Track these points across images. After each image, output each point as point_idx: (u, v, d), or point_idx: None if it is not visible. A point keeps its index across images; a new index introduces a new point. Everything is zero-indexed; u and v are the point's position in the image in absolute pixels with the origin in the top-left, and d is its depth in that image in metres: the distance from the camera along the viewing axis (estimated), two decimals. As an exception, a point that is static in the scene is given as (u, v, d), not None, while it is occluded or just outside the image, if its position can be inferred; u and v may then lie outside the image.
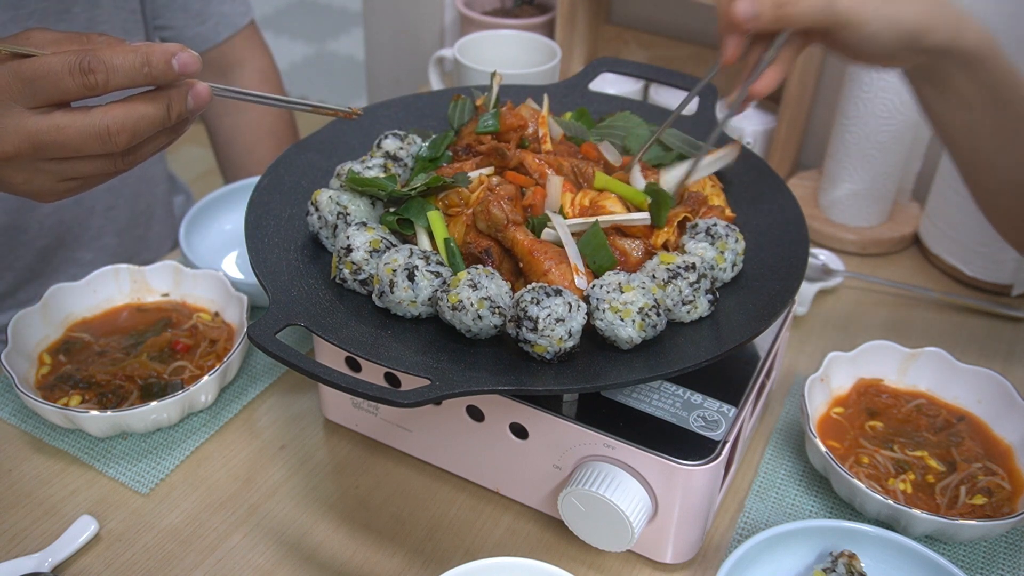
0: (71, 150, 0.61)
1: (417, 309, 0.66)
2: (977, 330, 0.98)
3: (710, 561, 0.72)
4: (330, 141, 0.84)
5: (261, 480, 0.78)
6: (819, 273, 1.02)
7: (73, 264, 1.10)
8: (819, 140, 1.24)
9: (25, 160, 0.61)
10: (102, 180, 0.66)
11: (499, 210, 0.68)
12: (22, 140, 0.60)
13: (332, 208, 0.72)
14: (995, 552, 0.73)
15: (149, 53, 0.60)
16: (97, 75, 0.59)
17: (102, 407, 0.78)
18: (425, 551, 0.73)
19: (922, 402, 0.82)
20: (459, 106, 0.86)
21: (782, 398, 0.87)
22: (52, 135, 0.60)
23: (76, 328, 0.87)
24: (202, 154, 2.72)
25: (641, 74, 0.91)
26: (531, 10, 1.44)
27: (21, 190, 0.64)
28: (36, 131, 0.60)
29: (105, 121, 0.60)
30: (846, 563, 0.66)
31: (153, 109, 0.62)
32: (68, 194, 0.66)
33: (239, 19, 1.17)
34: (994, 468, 0.76)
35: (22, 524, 0.74)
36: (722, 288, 0.71)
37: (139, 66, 0.60)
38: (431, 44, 1.64)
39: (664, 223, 0.72)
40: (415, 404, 0.57)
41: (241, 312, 0.86)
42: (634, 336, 0.63)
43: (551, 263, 0.67)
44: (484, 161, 0.77)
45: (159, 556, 0.72)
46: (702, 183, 0.78)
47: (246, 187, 1.04)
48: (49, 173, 0.63)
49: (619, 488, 0.66)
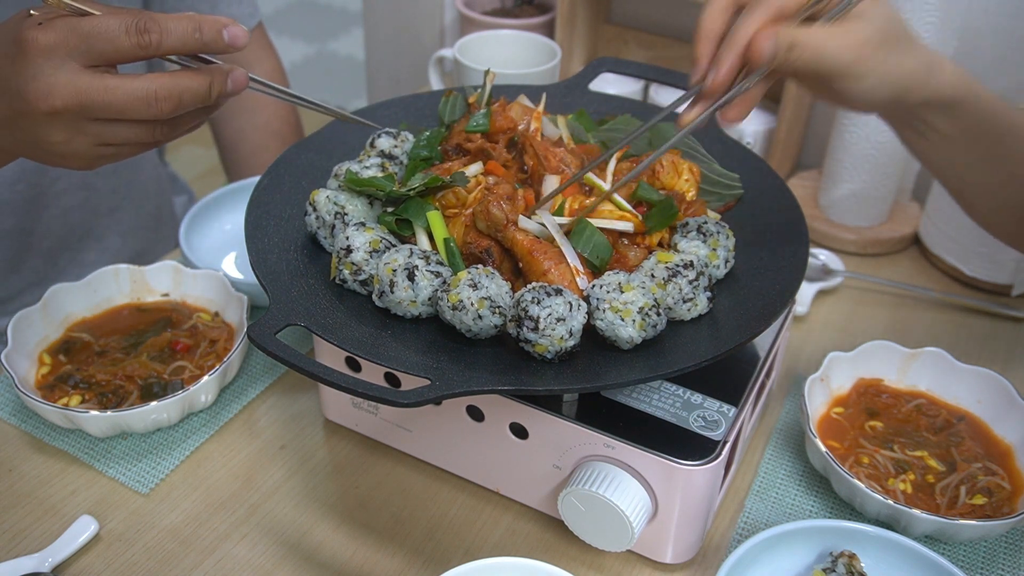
0: (116, 111, 0.62)
1: (417, 309, 0.66)
2: (977, 330, 0.98)
3: (710, 561, 0.72)
4: (330, 141, 0.84)
5: (261, 480, 0.78)
6: (819, 273, 1.02)
7: (78, 266, 1.10)
8: (819, 140, 1.24)
9: (70, 117, 0.62)
10: (136, 151, 0.68)
11: (499, 210, 0.68)
12: (71, 95, 0.61)
13: (330, 208, 0.72)
14: (995, 552, 0.73)
15: (202, 21, 0.62)
16: (151, 35, 0.61)
17: (102, 407, 0.78)
18: (425, 551, 0.73)
19: (922, 402, 0.82)
20: (450, 102, 0.85)
21: (782, 398, 0.87)
22: (101, 94, 0.61)
23: (76, 328, 0.87)
24: (202, 154, 2.72)
25: (641, 74, 0.91)
26: (531, 10, 1.44)
27: (57, 150, 0.65)
28: (87, 88, 0.61)
29: (153, 87, 0.62)
30: (846, 563, 0.66)
31: (196, 83, 0.64)
32: (100, 162, 0.67)
33: (247, 21, 1.16)
34: (994, 468, 0.76)
35: (22, 524, 0.74)
36: (721, 288, 0.71)
37: (191, 31, 0.62)
38: (431, 44, 1.64)
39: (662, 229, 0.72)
40: (415, 404, 0.57)
41: (241, 312, 0.86)
42: (634, 336, 0.63)
43: (551, 263, 0.67)
44: (472, 161, 0.77)
45: (159, 556, 0.72)
46: (676, 174, 0.77)
47: (246, 187, 1.04)
48: (89, 135, 0.64)
49: (619, 488, 0.66)
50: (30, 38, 0.61)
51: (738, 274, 0.73)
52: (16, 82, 0.62)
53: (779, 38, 0.60)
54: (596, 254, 0.68)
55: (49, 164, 0.68)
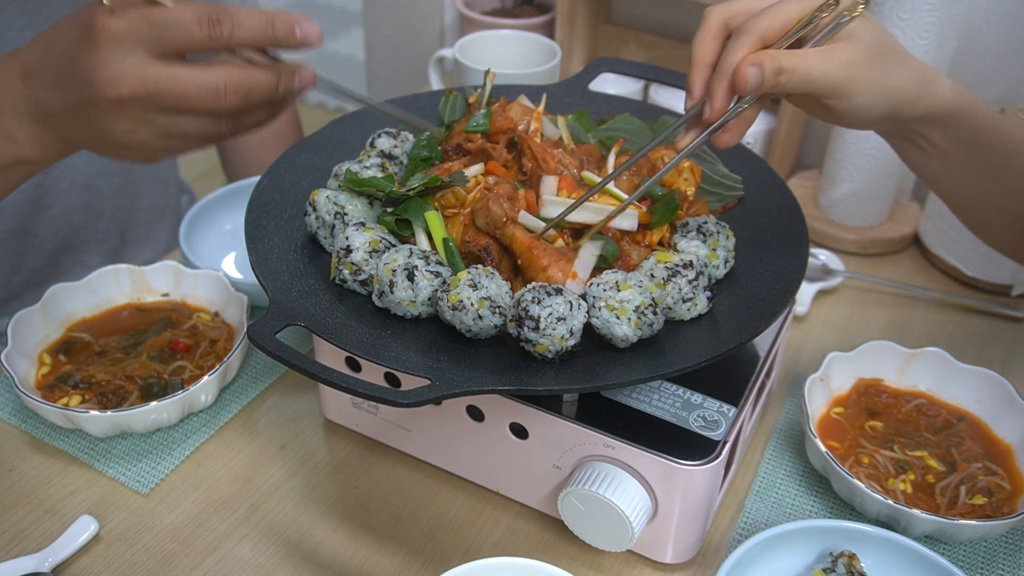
0: (185, 102, 0.62)
1: (417, 309, 0.66)
2: (977, 330, 0.98)
3: (710, 561, 0.72)
4: (330, 141, 0.84)
5: (261, 480, 0.78)
6: (819, 273, 1.02)
7: (81, 267, 1.10)
8: (819, 140, 1.24)
9: (137, 107, 0.62)
10: (201, 144, 0.67)
11: (498, 207, 0.69)
12: (139, 85, 0.61)
13: (329, 208, 0.72)
14: (995, 552, 0.73)
15: (275, 16, 0.62)
16: (223, 27, 0.61)
17: (102, 407, 0.78)
18: (425, 551, 0.73)
19: (922, 402, 0.82)
20: (450, 102, 0.85)
21: (782, 398, 0.87)
22: (170, 84, 0.61)
23: (76, 328, 0.87)
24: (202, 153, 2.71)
25: (641, 74, 0.91)
26: (531, 10, 1.44)
27: (120, 140, 0.64)
28: (156, 78, 0.61)
29: (223, 78, 0.62)
30: (846, 563, 0.66)
31: (265, 78, 0.64)
32: (164, 154, 0.67)
33: None
34: (994, 468, 0.76)
35: (22, 524, 0.74)
36: (721, 288, 0.71)
37: (264, 26, 0.62)
38: (431, 44, 1.64)
39: (665, 223, 0.72)
40: (415, 404, 0.57)
41: (241, 312, 0.86)
42: (629, 334, 0.63)
43: (549, 259, 0.67)
44: (472, 161, 0.77)
45: (159, 556, 0.72)
46: (677, 173, 0.77)
47: (246, 187, 1.04)
48: (154, 126, 0.63)
49: (619, 488, 0.66)
50: (100, 25, 0.60)
51: (738, 274, 0.73)
52: (84, 69, 0.61)
53: (766, 65, 0.60)
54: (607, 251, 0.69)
55: (111, 156, 0.67)
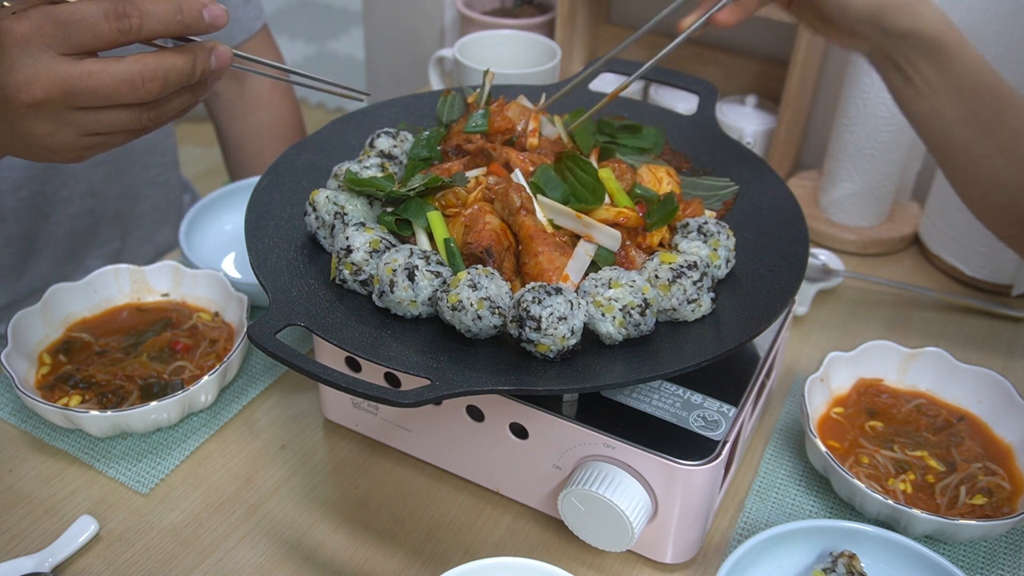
0: (102, 97, 0.60)
1: (417, 309, 0.66)
2: (977, 330, 0.98)
3: (710, 561, 0.72)
4: (330, 141, 0.84)
5: (261, 480, 0.78)
6: (819, 273, 1.02)
7: (84, 271, 1.10)
8: (819, 140, 1.24)
9: (54, 108, 0.61)
10: (125, 138, 0.66)
11: (517, 195, 0.70)
12: (53, 85, 0.59)
13: (329, 208, 0.72)
14: (995, 552, 0.73)
15: (182, 2, 0.60)
16: (131, 19, 0.59)
17: (102, 407, 0.78)
18: (425, 551, 0.73)
19: (922, 402, 0.82)
20: (449, 101, 0.85)
21: (782, 398, 0.87)
22: (84, 80, 0.59)
23: (76, 328, 0.87)
24: (202, 154, 2.72)
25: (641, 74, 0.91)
26: (531, 10, 1.44)
27: (43, 143, 0.63)
28: (68, 76, 0.59)
29: (137, 67, 0.60)
30: (846, 563, 0.66)
31: (181, 61, 0.62)
32: (89, 152, 0.65)
33: (252, 24, 1.16)
34: (994, 468, 0.76)
35: (22, 524, 0.74)
36: (721, 288, 0.71)
37: (172, 13, 0.60)
38: (431, 44, 1.64)
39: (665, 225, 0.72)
40: (415, 404, 0.57)
41: (241, 312, 0.86)
42: (613, 332, 0.63)
43: (545, 247, 0.67)
44: (471, 162, 0.77)
45: (159, 556, 0.72)
46: (656, 181, 0.77)
47: (246, 187, 1.04)
48: (75, 125, 0.62)
49: (619, 488, 0.66)
50: (4, 28, 0.59)
51: (738, 274, 0.73)
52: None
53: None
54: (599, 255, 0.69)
55: (37, 159, 0.66)
